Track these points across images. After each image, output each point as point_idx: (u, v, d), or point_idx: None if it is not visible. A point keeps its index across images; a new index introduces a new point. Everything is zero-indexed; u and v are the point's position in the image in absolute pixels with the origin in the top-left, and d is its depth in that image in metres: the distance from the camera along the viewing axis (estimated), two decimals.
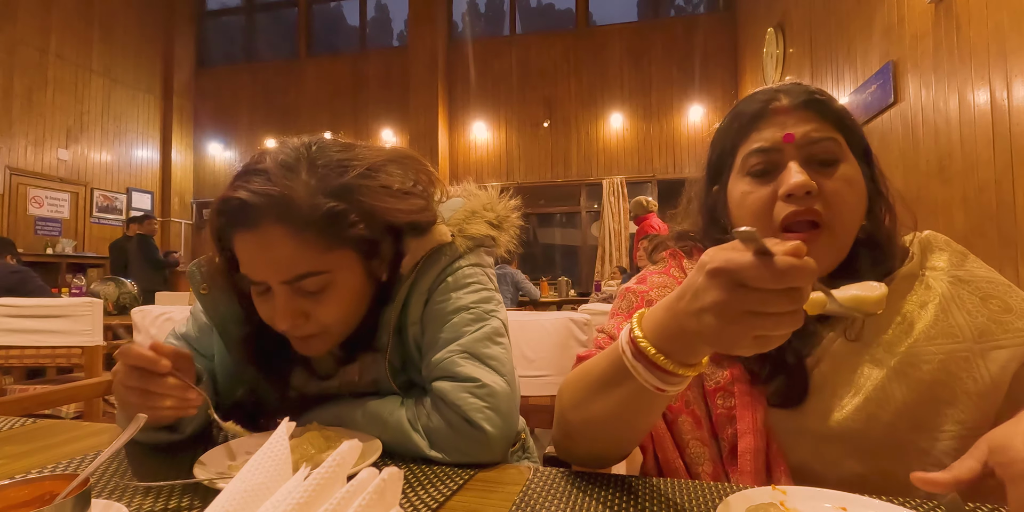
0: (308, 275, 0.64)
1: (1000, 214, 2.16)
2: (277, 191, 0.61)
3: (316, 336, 0.69)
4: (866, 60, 3.35)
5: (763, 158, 0.63)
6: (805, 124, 0.62)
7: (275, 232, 0.61)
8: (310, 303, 0.65)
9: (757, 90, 0.68)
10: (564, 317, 1.58)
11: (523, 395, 1.64)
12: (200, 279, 0.73)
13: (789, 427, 0.62)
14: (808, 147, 0.62)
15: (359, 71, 8.01)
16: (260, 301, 0.68)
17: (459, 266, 0.74)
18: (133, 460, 0.65)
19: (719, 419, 0.64)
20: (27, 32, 6.42)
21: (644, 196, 5.35)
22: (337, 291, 0.66)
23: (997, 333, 0.59)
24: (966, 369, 0.58)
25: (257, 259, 0.63)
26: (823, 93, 0.65)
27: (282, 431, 0.49)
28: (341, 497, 0.38)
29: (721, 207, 0.70)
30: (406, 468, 0.62)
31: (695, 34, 7.03)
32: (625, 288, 0.76)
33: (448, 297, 0.72)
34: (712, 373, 0.66)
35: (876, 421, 0.59)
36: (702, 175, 0.74)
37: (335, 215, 0.63)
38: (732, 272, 0.39)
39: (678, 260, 0.76)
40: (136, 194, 7.77)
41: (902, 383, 0.59)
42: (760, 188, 0.63)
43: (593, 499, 0.52)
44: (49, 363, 2.33)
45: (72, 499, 0.39)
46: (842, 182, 0.61)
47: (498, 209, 0.80)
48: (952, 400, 0.58)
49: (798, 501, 0.47)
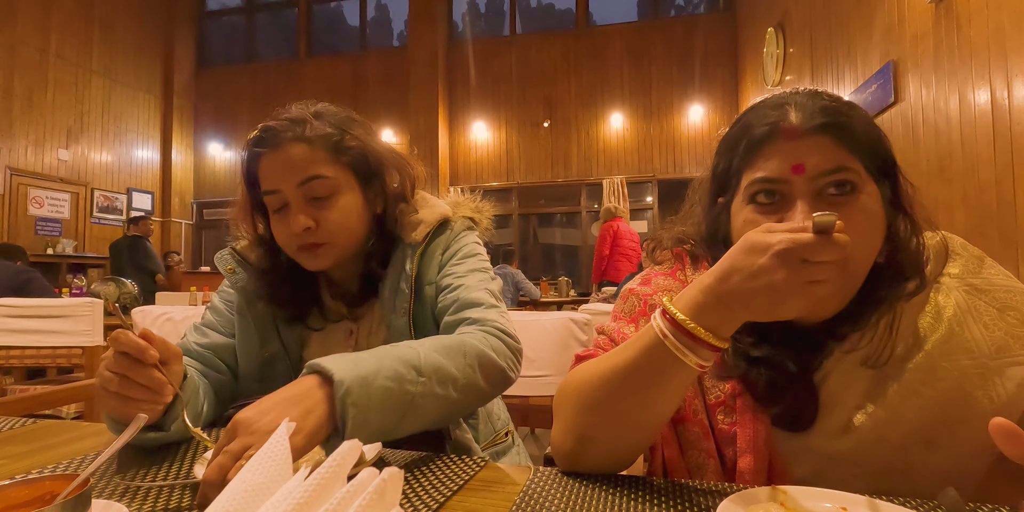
0: (317, 177, 0.80)
1: (1000, 214, 2.16)
2: (295, 116, 0.83)
3: (323, 245, 0.81)
4: (866, 60, 3.35)
5: (768, 188, 0.57)
6: (817, 153, 0.55)
7: (293, 147, 0.80)
8: (318, 211, 0.80)
9: (769, 97, 0.62)
10: (564, 317, 1.58)
11: (523, 395, 1.65)
12: (223, 262, 0.91)
13: (792, 446, 0.59)
14: (819, 179, 0.55)
15: (359, 71, 8.01)
16: (277, 220, 0.82)
17: (466, 238, 0.91)
18: (133, 460, 0.65)
19: (721, 435, 0.62)
20: (27, 32, 6.42)
21: (614, 204, 5.68)
22: (341, 202, 0.82)
23: (1015, 348, 0.56)
24: (981, 387, 0.55)
25: (278, 169, 0.80)
26: (840, 109, 0.57)
27: (282, 431, 0.49)
28: (341, 497, 0.38)
29: (724, 222, 0.64)
30: (406, 468, 0.62)
31: (695, 34, 7.03)
32: (628, 290, 0.74)
33: (461, 260, 0.88)
34: (713, 386, 0.63)
35: (886, 443, 0.56)
36: (707, 180, 0.68)
37: (337, 139, 0.83)
38: (799, 251, 0.45)
39: (682, 264, 0.73)
40: (136, 194, 7.77)
41: (914, 402, 0.56)
42: (764, 220, 0.57)
43: (593, 499, 0.52)
44: (49, 363, 2.34)
45: (72, 499, 0.39)
46: (858, 215, 0.54)
47: (474, 204, 0.99)
48: (967, 419, 0.55)
49: (798, 501, 0.47)
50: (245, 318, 0.88)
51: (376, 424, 0.59)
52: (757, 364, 0.60)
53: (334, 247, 0.82)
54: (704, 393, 0.64)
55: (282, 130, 0.80)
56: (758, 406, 0.60)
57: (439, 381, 0.65)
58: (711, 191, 0.67)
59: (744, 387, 0.61)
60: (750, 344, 0.61)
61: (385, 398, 0.60)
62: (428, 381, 0.64)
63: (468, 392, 0.69)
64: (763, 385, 0.60)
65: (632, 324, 0.70)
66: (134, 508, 0.50)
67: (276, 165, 0.80)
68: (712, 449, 0.62)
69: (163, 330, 1.77)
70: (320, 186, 0.80)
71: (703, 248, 0.69)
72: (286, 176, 0.80)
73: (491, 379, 0.72)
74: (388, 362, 0.62)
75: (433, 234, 0.88)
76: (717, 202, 0.66)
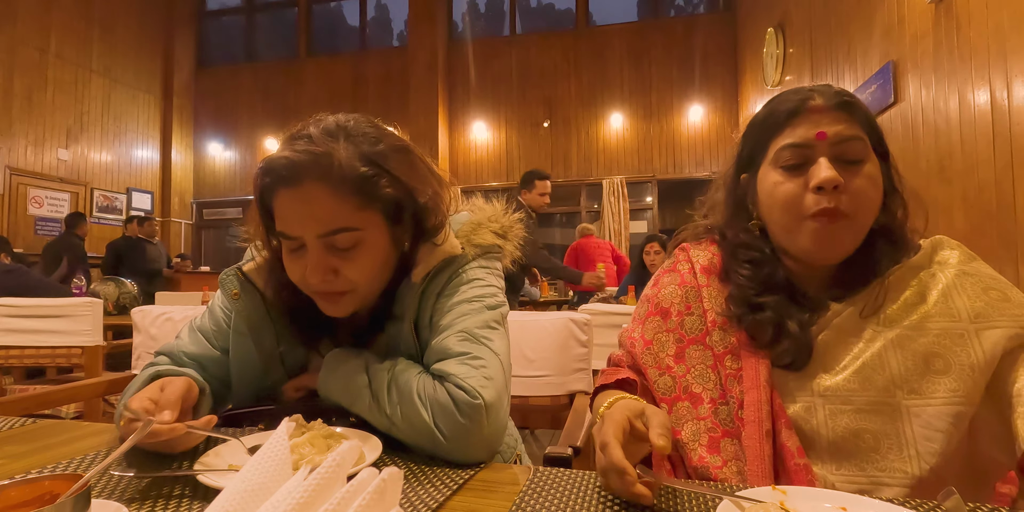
0: (342, 230, 0.69)
1: (1000, 214, 2.16)
2: (321, 150, 0.68)
3: (345, 294, 0.73)
4: (866, 60, 3.35)
5: (796, 153, 0.68)
6: (837, 124, 0.67)
7: (316, 188, 0.68)
8: (340, 260, 0.71)
9: (792, 89, 0.73)
10: (564, 317, 1.58)
11: (523, 395, 1.65)
12: (229, 286, 0.80)
13: (789, 385, 0.68)
14: (838, 145, 0.67)
15: (359, 71, 8.01)
16: (291, 259, 0.73)
17: (466, 269, 0.79)
18: (133, 460, 0.65)
19: (727, 380, 0.70)
20: (27, 32, 6.42)
21: (585, 225, 5.68)
22: (366, 249, 0.72)
23: (993, 316, 0.63)
24: (960, 344, 0.63)
25: (298, 213, 0.69)
26: (853, 96, 0.70)
27: (282, 431, 0.49)
28: (341, 497, 0.38)
29: (752, 194, 0.74)
30: (406, 468, 0.62)
31: (695, 34, 7.04)
32: (643, 295, 0.84)
33: (453, 292, 0.77)
34: (721, 339, 0.72)
35: (871, 384, 0.64)
36: (730, 166, 0.79)
37: (368, 178, 0.69)
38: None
39: (686, 252, 0.82)
40: (136, 194, 7.77)
41: (898, 353, 0.64)
42: (791, 180, 0.68)
43: (593, 499, 0.52)
44: (49, 363, 2.34)
45: (72, 499, 0.39)
46: (865, 179, 0.67)
47: (503, 221, 0.86)
48: (945, 370, 0.62)
49: (798, 501, 0.47)
50: (244, 342, 0.81)
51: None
52: (758, 310, 0.70)
53: (356, 294, 0.74)
54: (712, 348, 0.73)
55: (303, 166, 0.67)
56: (760, 351, 0.69)
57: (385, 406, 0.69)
58: (734, 174, 0.78)
59: (747, 332, 0.71)
60: (753, 293, 0.71)
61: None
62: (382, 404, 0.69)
63: (409, 431, 0.67)
64: (763, 329, 0.69)
65: (640, 326, 0.80)
66: (134, 508, 0.50)
67: (294, 208, 0.69)
68: (705, 413, 0.70)
69: (163, 330, 1.77)
70: (344, 239, 0.70)
71: (725, 228, 0.78)
72: (306, 224, 0.69)
73: (424, 437, 0.66)
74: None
75: (434, 274, 0.77)
76: (740, 180, 0.77)
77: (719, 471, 0.66)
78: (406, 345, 0.77)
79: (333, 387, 0.73)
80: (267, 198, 0.72)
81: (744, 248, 0.74)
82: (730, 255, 0.76)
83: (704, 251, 0.80)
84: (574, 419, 1.14)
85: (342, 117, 0.75)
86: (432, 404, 0.66)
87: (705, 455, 0.67)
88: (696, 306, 0.76)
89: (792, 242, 0.69)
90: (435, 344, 0.73)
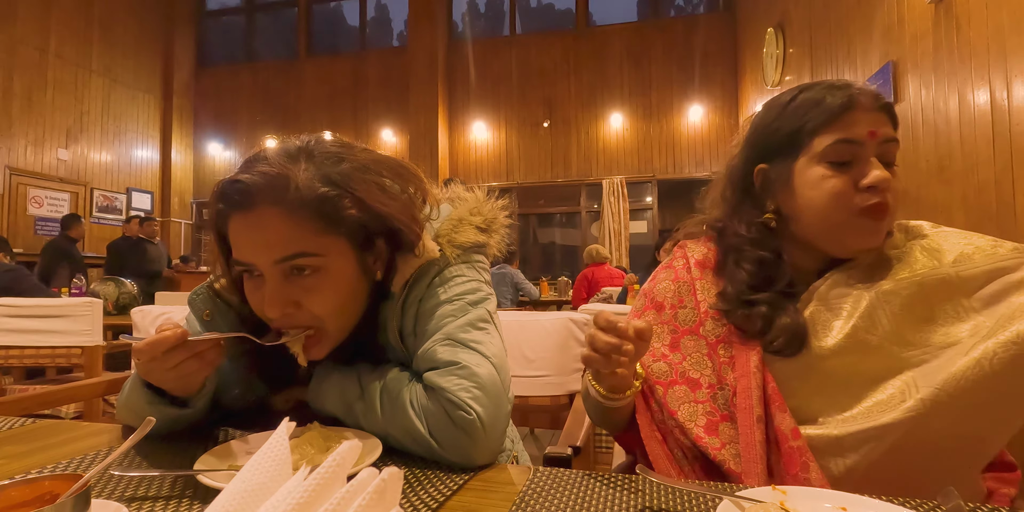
0: (299, 255, 0.64)
1: (1000, 214, 2.16)
2: (275, 172, 0.63)
3: (312, 338, 0.68)
4: (866, 60, 3.35)
5: (848, 149, 0.69)
6: (884, 125, 0.70)
7: (269, 213, 0.63)
8: (301, 291, 0.65)
9: (828, 82, 0.73)
10: (564, 317, 1.58)
11: (523, 395, 1.65)
12: (201, 305, 0.76)
13: (787, 370, 0.69)
14: (882, 145, 0.69)
15: (359, 71, 8.01)
16: (252, 289, 0.68)
17: (446, 270, 0.74)
18: (133, 460, 0.65)
19: (721, 368, 0.72)
20: (27, 32, 6.42)
21: (597, 247, 5.03)
22: (330, 278, 0.66)
23: (975, 257, 0.67)
24: (942, 287, 0.66)
25: (250, 240, 0.65)
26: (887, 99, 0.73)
27: (282, 431, 0.49)
28: (341, 497, 0.38)
29: (776, 186, 0.74)
30: (406, 468, 0.62)
31: (695, 34, 7.04)
32: (641, 290, 0.86)
33: (433, 294, 0.72)
34: (713, 329, 0.75)
35: (866, 345, 0.66)
36: (739, 157, 0.79)
37: (329, 199, 0.64)
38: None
39: (684, 249, 0.85)
40: (136, 194, 7.77)
41: (886, 310, 0.66)
42: (840, 175, 0.69)
43: (593, 499, 0.52)
44: (49, 363, 2.33)
45: (72, 499, 0.39)
46: (897, 179, 0.70)
47: (485, 212, 0.80)
48: (933, 318, 0.65)
49: (798, 501, 0.47)
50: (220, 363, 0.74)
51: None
52: (751, 306, 0.72)
53: (326, 335, 0.69)
54: (706, 337, 0.76)
55: (256, 190, 0.63)
56: (750, 339, 0.72)
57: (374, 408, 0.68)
58: (744, 165, 0.78)
59: (735, 325, 0.73)
60: (748, 292, 0.73)
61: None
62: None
63: (405, 440, 0.65)
64: (752, 322, 0.71)
65: (635, 318, 0.82)
66: (134, 508, 0.50)
67: (247, 234, 0.64)
68: (703, 397, 0.73)
69: None
70: (303, 264, 0.65)
71: (728, 220, 0.79)
72: (258, 250, 0.64)
73: (421, 447, 0.64)
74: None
75: (412, 281, 0.73)
76: (756, 169, 0.76)
77: (718, 452, 0.68)
78: (394, 354, 0.74)
79: (325, 399, 0.71)
80: (221, 225, 0.67)
81: (752, 246, 0.74)
82: (732, 252, 0.76)
83: (701, 246, 0.83)
84: (574, 419, 1.14)
85: (306, 137, 0.70)
86: (426, 414, 0.63)
87: (703, 435, 0.70)
88: (689, 299, 0.78)
89: (831, 235, 0.71)
90: (421, 353, 0.69)
